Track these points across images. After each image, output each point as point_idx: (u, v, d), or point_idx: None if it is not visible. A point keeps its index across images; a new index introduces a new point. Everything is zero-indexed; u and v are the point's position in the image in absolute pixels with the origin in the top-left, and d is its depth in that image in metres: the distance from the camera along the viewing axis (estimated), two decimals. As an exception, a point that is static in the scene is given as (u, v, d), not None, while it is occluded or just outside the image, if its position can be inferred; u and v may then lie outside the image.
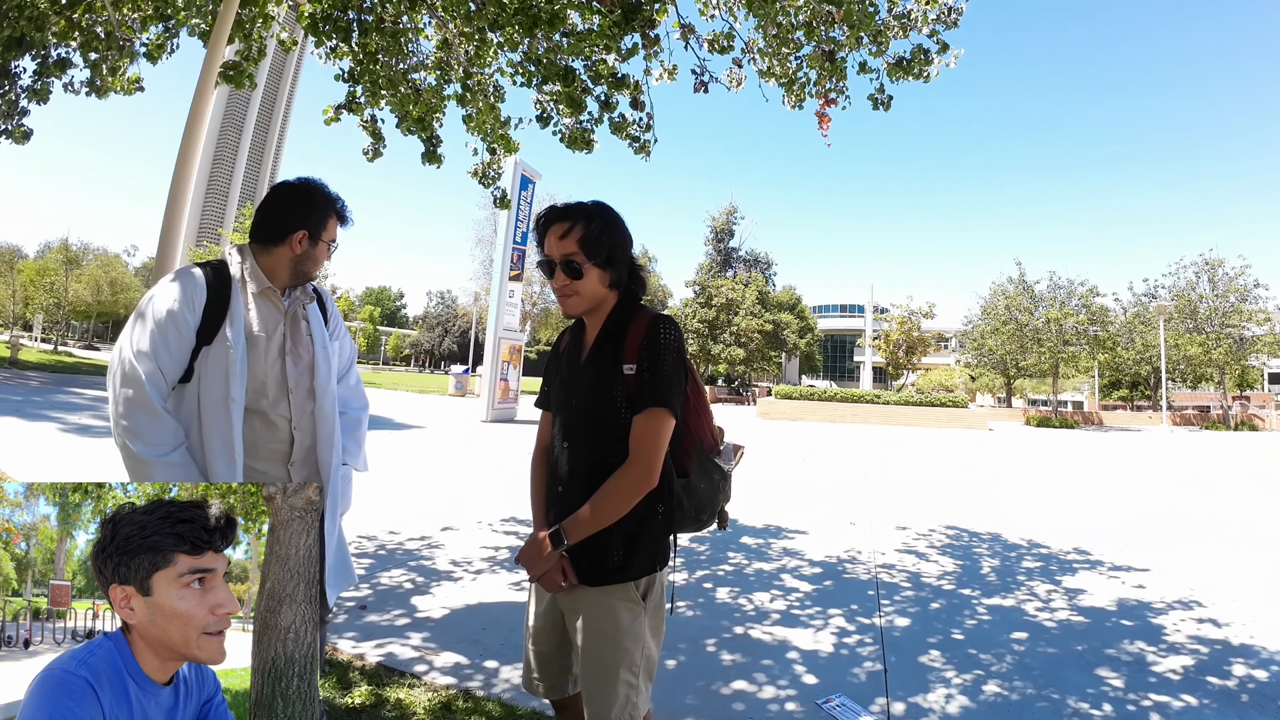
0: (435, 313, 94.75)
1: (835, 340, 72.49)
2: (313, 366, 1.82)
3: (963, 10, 4.18)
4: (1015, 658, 3.06)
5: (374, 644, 2.85)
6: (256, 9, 4.51)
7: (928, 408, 24.07)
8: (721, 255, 49.68)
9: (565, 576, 1.45)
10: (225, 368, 1.66)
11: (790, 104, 4.58)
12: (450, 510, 5.68)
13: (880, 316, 40.35)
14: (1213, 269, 31.28)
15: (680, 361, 1.48)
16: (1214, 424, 30.13)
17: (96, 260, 53.04)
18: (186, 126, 3.33)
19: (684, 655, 2.91)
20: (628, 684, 1.44)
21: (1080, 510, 7.32)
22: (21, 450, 7.05)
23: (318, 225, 1.81)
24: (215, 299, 1.70)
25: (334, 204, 1.86)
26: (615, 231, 1.52)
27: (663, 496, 1.48)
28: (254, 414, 1.74)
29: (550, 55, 4.28)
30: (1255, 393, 42.69)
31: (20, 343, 26.96)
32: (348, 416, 1.99)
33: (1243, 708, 2.64)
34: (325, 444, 1.83)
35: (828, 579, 4.22)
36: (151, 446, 1.58)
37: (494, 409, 16.42)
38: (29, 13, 4.34)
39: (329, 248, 1.86)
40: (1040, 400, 48.40)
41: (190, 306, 1.67)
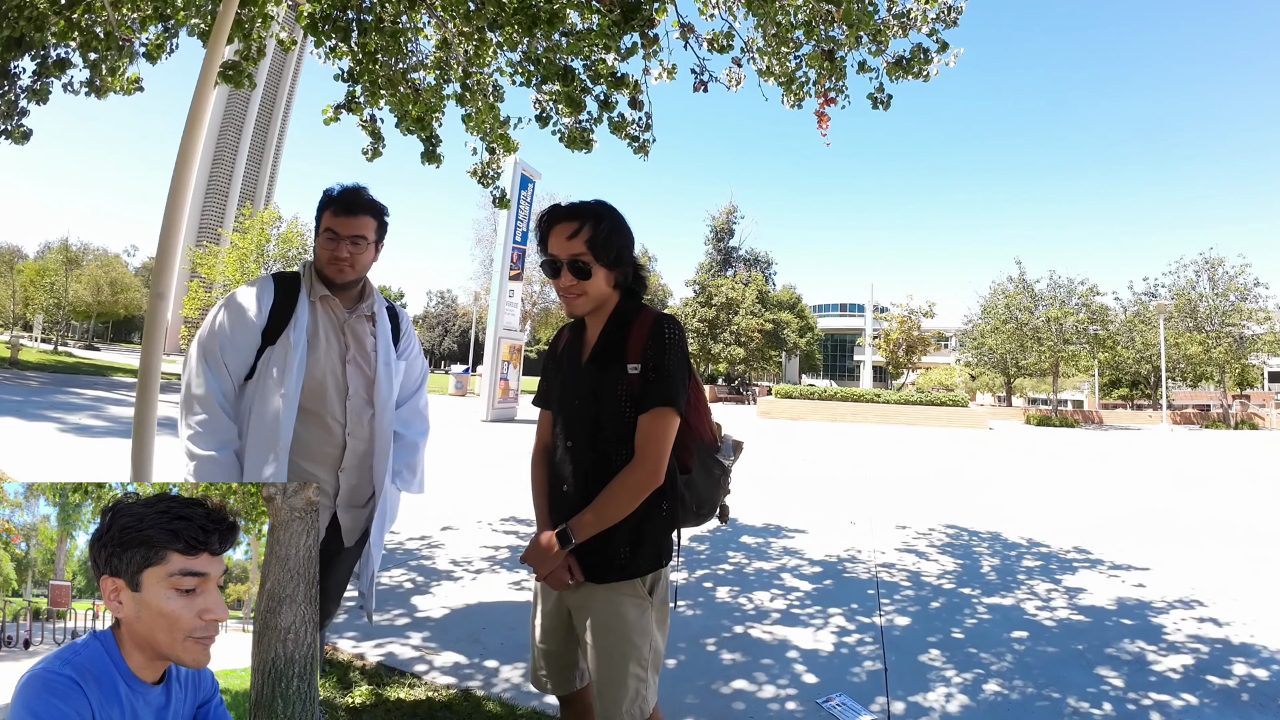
0: (435, 312, 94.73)
1: (835, 339, 72.46)
2: (374, 380, 1.85)
3: (962, 9, 4.18)
4: (1015, 657, 3.06)
5: (374, 644, 2.85)
6: (256, 9, 4.51)
7: (928, 407, 24.08)
8: (721, 254, 49.67)
9: (572, 574, 1.46)
10: (283, 366, 1.73)
11: (790, 103, 4.57)
12: (450, 510, 5.68)
13: (880, 316, 40.38)
14: (1213, 268, 31.28)
15: (684, 360, 1.49)
16: (1214, 423, 30.14)
17: (96, 260, 53.07)
18: (186, 126, 3.32)
19: (684, 654, 2.92)
20: (637, 678, 1.45)
21: (1080, 509, 7.31)
22: (21, 450, 7.05)
23: (318, 224, 1.84)
24: (282, 302, 1.79)
25: (325, 196, 1.85)
26: (622, 232, 1.52)
27: (666, 493, 1.49)
28: (308, 414, 1.77)
29: (549, 55, 4.27)
30: (1255, 391, 42.68)
31: (20, 343, 26.96)
32: (404, 440, 1.98)
33: (1243, 707, 2.64)
34: (380, 458, 1.85)
35: (828, 578, 4.22)
36: (199, 442, 1.67)
37: (494, 409, 16.42)
38: (28, 13, 4.34)
39: (330, 241, 1.81)
40: (1040, 399, 48.38)
41: (257, 308, 1.77)
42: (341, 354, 1.83)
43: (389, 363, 1.89)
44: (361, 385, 1.84)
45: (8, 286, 45.33)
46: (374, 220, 1.87)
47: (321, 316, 1.83)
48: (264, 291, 1.80)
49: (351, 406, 1.82)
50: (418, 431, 2.04)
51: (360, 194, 1.85)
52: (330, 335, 1.83)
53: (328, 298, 1.85)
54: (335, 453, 1.81)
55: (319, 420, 1.78)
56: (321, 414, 1.79)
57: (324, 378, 1.79)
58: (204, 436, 1.67)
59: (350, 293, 1.90)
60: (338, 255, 1.80)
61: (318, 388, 1.78)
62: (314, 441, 1.78)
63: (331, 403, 1.80)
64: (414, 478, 2.01)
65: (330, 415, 1.80)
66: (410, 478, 1.99)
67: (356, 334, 1.87)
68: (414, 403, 2.05)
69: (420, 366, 2.10)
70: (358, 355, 1.85)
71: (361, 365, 1.85)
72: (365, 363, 1.86)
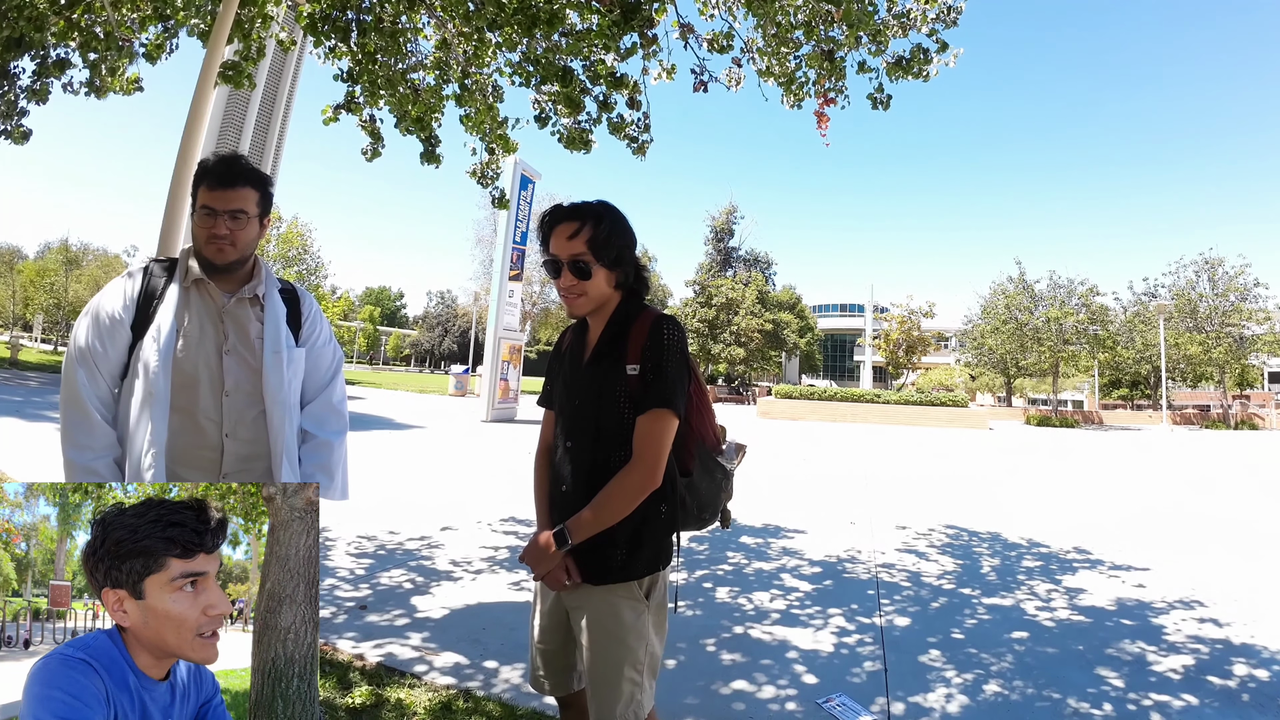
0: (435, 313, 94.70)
1: (835, 340, 72.44)
2: (259, 371, 1.65)
3: (962, 9, 4.18)
4: (1015, 657, 3.06)
5: (374, 644, 2.85)
6: (256, 9, 4.51)
7: (928, 407, 24.07)
8: (721, 255, 49.65)
9: (569, 575, 1.45)
10: (149, 361, 1.56)
11: (789, 103, 4.57)
12: (450, 510, 5.68)
13: (880, 316, 40.37)
14: (1212, 268, 31.27)
15: (683, 362, 1.48)
16: (1214, 423, 30.14)
17: (96, 261, 52.97)
18: (186, 126, 3.33)
19: (684, 655, 2.92)
20: (632, 681, 1.44)
21: (1080, 510, 7.31)
22: (21, 450, 7.05)
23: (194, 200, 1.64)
24: (150, 291, 1.63)
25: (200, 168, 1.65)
26: (623, 232, 1.52)
27: (665, 496, 1.48)
28: (180, 414, 1.59)
29: (549, 55, 4.27)
30: (1255, 392, 42.65)
31: (20, 343, 26.96)
32: (316, 441, 1.78)
33: (1243, 707, 2.64)
34: (278, 462, 1.65)
35: (828, 578, 4.22)
36: (76, 449, 1.53)
37: (494, 409, 16.42)
38: (28, 13, 4.34)
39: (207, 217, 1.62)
40: (1040, 399, 48.36)
41: (123, 300, 1.61)
42: (218, 344, 1.64)
43: (278, 351, 1.67)
44: (244, 379, 1.64)
45: (8, 286, 45.32)
46: (255, 192, 1.66)
47: (195, 303, 1.65)
48: (132, 282, 1.64)
49: (230, 404, 1.62)
50: (332, 430, 1.81)
51: (237, 162, 1.66)
52: (204, 324, 1.64)
53: (202, 282, 1.65)
54: (212, 456, 1.61)
55: (191, 419, 1.60)
56: (193, 412, 1.60)
57: (195, 371, 1.60)
58: (79, 443, 1.53)
59: (234, 275, 1.69)
60: (216, 233, 1.61)
61: (187, 382, 1.59)
62: (186, 444, 1.59)
63: (204, 399, 1.60)
64: (332, 483, 1.78)
65: (203, 414, 1.60)
66: (327, 483, 1.77)
67: (238, 320, 1.67)
68: (326, 397, 1.83)
69: (331, 355, 1.86)
70: (238, 345, 1.65)
71: (243, 356, 1.65)
72: (248, 353, 1.66)
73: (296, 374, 1.74)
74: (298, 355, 1.75)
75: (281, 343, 1.69)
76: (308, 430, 1.78)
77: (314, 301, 1.88)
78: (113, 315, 1.60)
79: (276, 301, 1.73)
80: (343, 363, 1.94)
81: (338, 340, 1.96)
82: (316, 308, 1.87)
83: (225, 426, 1.62)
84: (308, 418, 1.79)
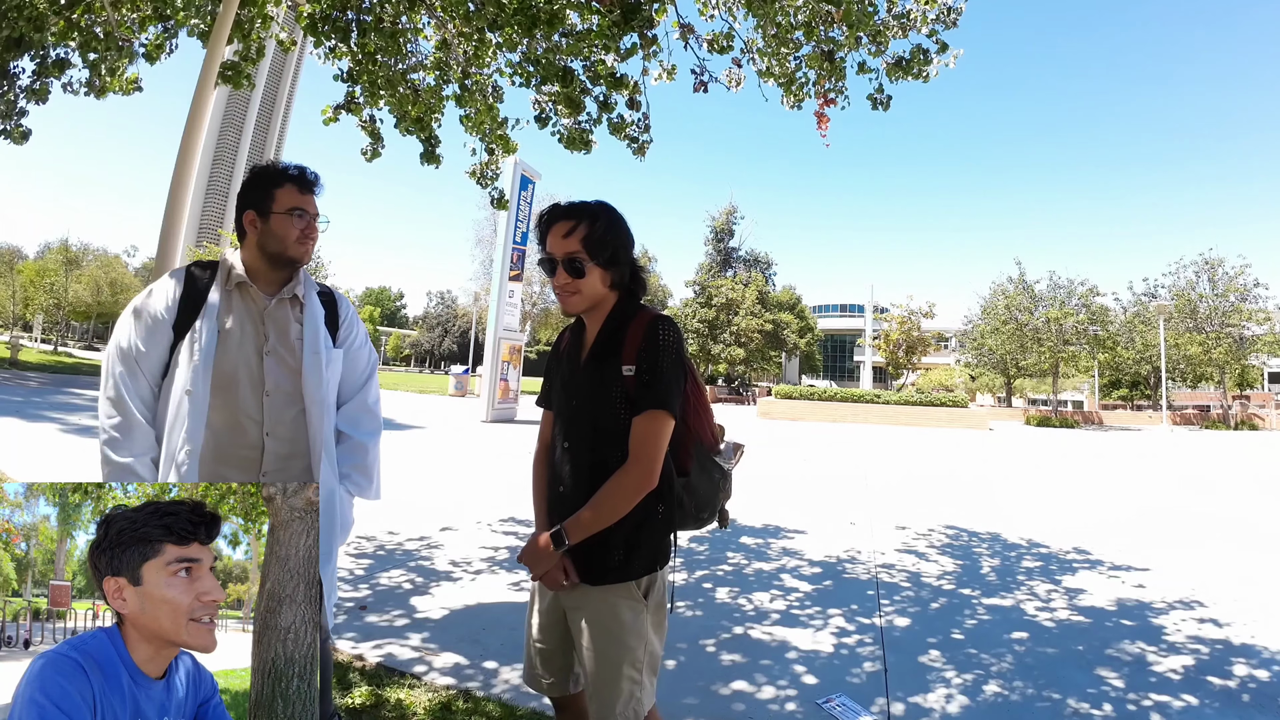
0: (435, 313, 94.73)
1: (835, 340, 72.46)
2: (299, 372, 1.68)
3: (962, 10, 4.18)
4: (1015, 658, 3.06)
5: (373, 644, 2.85)
6: (256, 9, 4.52)
7: (928, 407, 24.08)
8: (721, 255, 49.66)
9: (567, 575, 1.46)
10: (190, 361, 1.59)
11: (789, 104, 4.58)
12: (450, 510, 5.68)
13: (880, 316, 40.36)
14: (1212, 268, 31.28)
15: (679, 362, 1.48)
16: (1214, 423, 30.14)
17: (96, 261, 53.03)
18: (186, 126, 3.33)
19: (684, 655, 2.92)
20: (631, 680, 1.44)
21: (1080, 510, 7.31)
22: (21, 450, 7.05)
23: (262, 199, 1.69)
24: (193, 293, 1.66)
25: (282, 173, 1.72)
26: (619, 232, 1.52)
27: (663, 496, 1.48)
28: (220, 413, 1.62)
29: (549, 55, 4.28)
30: (1255, 392, 42.67)
31: (20, 343, 26.96)
32: (352, 441, 1.81)
33: (1243, 708, 2.64)
34: (317, 460, 1.68)
35: (827, 579, 4.22)
36: (115, 448, 1.57)
37: (494, 409, 16.42)
38: (28, 13, 4.35)
39: (292, 218, 1.69)
40: (1040, 400, 48.39)
41: (166, 302, 1.65)
42: (258, 345, 1.67)
43: (317, 352, 1.70)
44: (284, 379, 1.67)
45: (8, 287, 45.31)
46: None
47: (237, 305, 1.69)
48: (175, 283, 1.68)
49: (270, 403, 1.65)
50: (367, 431, 1.84)
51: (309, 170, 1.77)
52: (245, 325, 1.68)
53: (245, 284, 1.70)
54: (253, 455, 1.64)
55: (232, 419, 1.63)
56: (234, 412, 1.63)
57: (235, 371, 1.63)
58: (118, 442, 1.56)
59: (278, 277, 1.74)
60: (310, 234, 1.71)
61: (228, 382, 1.62)
62: (226, 443, 1.63)
63: (245, 399, 1.64)
64: (369, 483, 1.82)
65: (244, 413, 1.64)
66: (364, 483, 1.81)
67: (278, 321, 1.71)
68: (361, 398, 1.86)
69: (366, 358, 1.90)
70: (278, 345, 1.68)
71: (283, 357, 1.68)
72: (288, 353, 1.69)
73: (334, 375, 1.78)
74: (336, 356, 1.78)
75: (320, 343, 1.73)
76: (343, 431, 1.81)
77: (350, 305, 1.92)
78: (155, 315, 1.64)
79: (315, 303, 1.78)
80: (377, 366, 1.98)
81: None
82: (353, 311, 1.92)
83: (266, 425, 1.65)
84: (343, 418, 1.81)
